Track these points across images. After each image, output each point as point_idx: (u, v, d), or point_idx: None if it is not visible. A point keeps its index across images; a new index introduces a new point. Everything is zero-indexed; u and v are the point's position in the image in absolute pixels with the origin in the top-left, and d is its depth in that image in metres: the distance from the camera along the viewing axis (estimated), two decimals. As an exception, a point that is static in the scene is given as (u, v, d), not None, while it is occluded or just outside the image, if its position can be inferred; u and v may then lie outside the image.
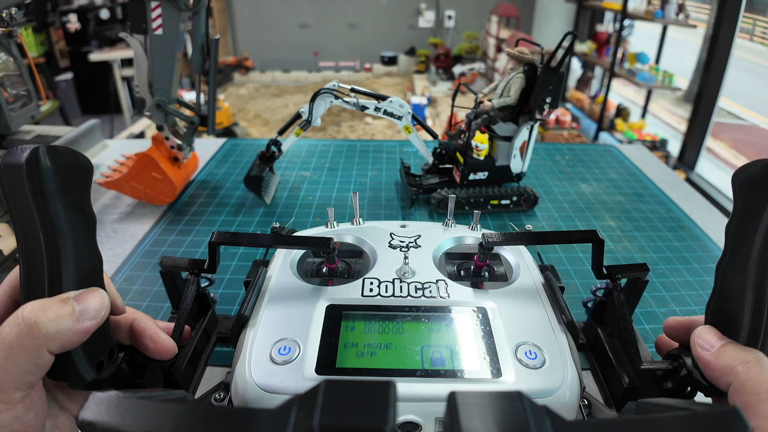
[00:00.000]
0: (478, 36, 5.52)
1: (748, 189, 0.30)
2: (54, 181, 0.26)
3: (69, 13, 3.63)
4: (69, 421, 0.30)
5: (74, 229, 0.27)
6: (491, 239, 0.41)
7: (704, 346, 0.31)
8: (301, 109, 0.82)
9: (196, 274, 0.42)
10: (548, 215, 0.87)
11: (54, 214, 0.26)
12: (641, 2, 3.34)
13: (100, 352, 0.29)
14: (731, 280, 0.31)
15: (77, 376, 0.28)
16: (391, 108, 0.82)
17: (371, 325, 0.36)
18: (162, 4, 0.72)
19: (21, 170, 0.25)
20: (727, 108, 4.19)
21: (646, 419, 0.19)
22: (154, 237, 0.78)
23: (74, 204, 0.27)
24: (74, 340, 0.26)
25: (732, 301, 0.31)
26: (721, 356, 0.29)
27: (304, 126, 0.83)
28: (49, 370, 0.26)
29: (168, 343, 0.33)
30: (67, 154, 0.27)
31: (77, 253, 0.28)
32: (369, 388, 0.18)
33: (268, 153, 0.87)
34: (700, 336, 0.31)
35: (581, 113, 3.99)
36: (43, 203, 0.25)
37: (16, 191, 0.25)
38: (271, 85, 5.57)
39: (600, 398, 0.45)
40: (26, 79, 0.92)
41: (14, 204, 0.26)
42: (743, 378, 0.28)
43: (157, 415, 0.19)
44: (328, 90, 0.80)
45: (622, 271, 0.42)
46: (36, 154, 0.25)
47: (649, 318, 0.62)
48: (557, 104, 0.78)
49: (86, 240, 0.29)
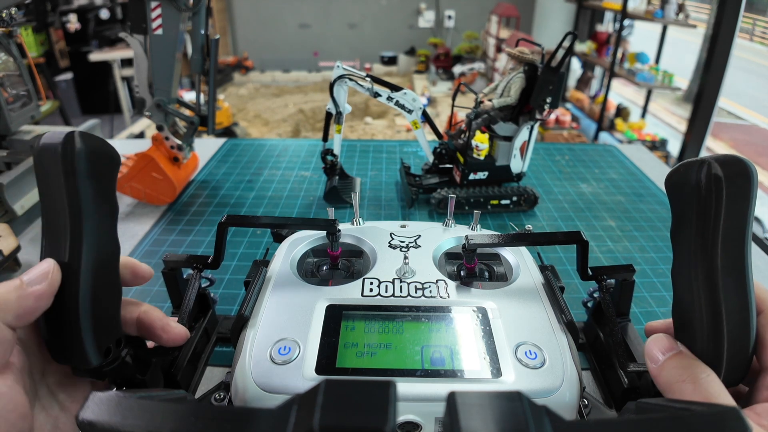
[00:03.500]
0: (478, 36, 5.52)
1: (675, 194, 0.30)
2: (85, 164, 0.27)
3: (69, 13, 3.63)
4: (70, 421, 0.30)
5: (98, 212, 0.28)
6: (473, 241, 0.41)
7: (651, 358, 0.31)
8: (327, 107, 0.82)
9: (200, 269, 0.42)
10: (548, 215, 0.87)
11: (82, 194, 0.27)
12: (641, 2, 3.34)
13: (109, 338, 0.30)
14: (682, 284, 0.31)
15: (83, 358, 0.28)
16: (404, 100, 0.82)
17: (371, 325, 0.36)
18: (162, 4, 0.72)
19: (57, 150, 0.26)
20: (727, 108, 4.19)
21: (645, 419, 0.19)
22: (154, 237, 0.78)
23: (101, 189, 0.28)
24: (27, 306, 0.26)
25: (686, 305, 0.31)
26: (663, 371, 0.30)
27: (339, 119, 0.83)
28: (55, 352, 0.27)
29: (180, 331, 0.34)
30: (99, 141, 0.28)
31: (99, 237, 0.28)
32: (369, 388, 0.18)
33: (327, 165, 0.88)
34: (648, 347, 0.32)
35: (581, 113, 3.99)
36: (73, 183, 0.27)
37: (49, 170, 0.27)
38: (271, 85, 5.57)
39: (600, 398, 0.45)
40: (26, 79, 0.92)
41: (45, 183, 0.27)
42: (678, 397, 0.28)
43: (158, 415, 0.19)
44: (339, 77, 0.80)
45: (608, 273, 0.42)
46: (71, 137, 0.26)
47: (649, 318, 0.62)
48: (557, 104, 0.78)
49: (108, 226, 0.30)
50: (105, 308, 0.29)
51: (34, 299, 0.26)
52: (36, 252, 0.74)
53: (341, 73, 0.79)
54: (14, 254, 0.68)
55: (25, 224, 0.81)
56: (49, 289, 0.27)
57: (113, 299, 0.31)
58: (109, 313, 0.30)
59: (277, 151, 1.12)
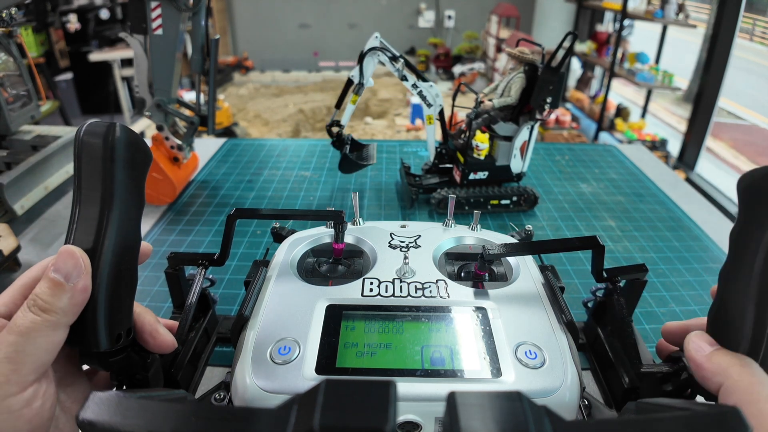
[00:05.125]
0: (478, 36, 5.52)
1: (750, 196, 0.29)
2: (124, 152, 0.29)
3: (69, 13, 3.62)
4: (70, 423, 0.30)
5: (128, 201, 0.29)
6: (492, 251, 0.41)
7: (697, 348, 0.31)
8: (351, 74, 0.81)
9: (206, 266, 0.42)
10: (548, 215, 0.87)
11: (117, 180, 0.28)
12: (641, 2, 3.34)
13: (120, 326, 0.30)
14: (733, 288, 0.30)
15: (94, 341, 0.28)
16: (427, 92, 0.83)
17: (371, 325, 0.36)
18: (162, 4, 0.72)
19: (99, 137, 0.28)
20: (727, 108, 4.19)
21: (646, 419, 0.19)
22: (154, 237, 0.78)
23: (134, 179, 0.30)
24: (78, 302, 0.27)
25: (733, 309, 0.30)
26: (714, 358, 0.30)
27: (358, 90, 0.82)
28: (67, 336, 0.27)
29: (167, 339, 0.34)
30: (137, 136, 0.30)
31: (125, 224, 0.29)
32: (369, 388, 0.18)
33: (334, 137, 0.86)
34: (693, 339, 0.32)
35: (581, 113, 3.99)
36: (110, 168, 0.28)
37: (89, 155, 0.28)
38: (271, 85, 5.56)
39: (600, 398, 0.45)
40: (26, 79, 0.92)
41: (84, 167, 0.28)
42: (736, 378, 0.28)
43: (158, 415, 0.19)
44: (375, 48, 0.79)
45: (622, 274, 0.42)
46: (114, 127, 0.29)
47: (649, 318, 0.62)
48: (558, 104, 0.78)
49: (135, 216, 0.30)
50: (121, 295, 0.30)
51: (81, 295, 0.27)
52: (36, 252, 0.74)
53: (377, 45, 0.78)
54: (14, 254, 0.68)
55: (25, 224, 0.81)
56: (89, 277, 0.27)
57: (129, 288, 0.31)
58: (123, 300, 0.30)
59: (277, 151, 1.12)
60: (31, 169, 0.86)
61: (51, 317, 0.26)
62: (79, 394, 0.31)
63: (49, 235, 0.78)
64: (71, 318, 0.27)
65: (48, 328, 0.26)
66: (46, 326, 0.26)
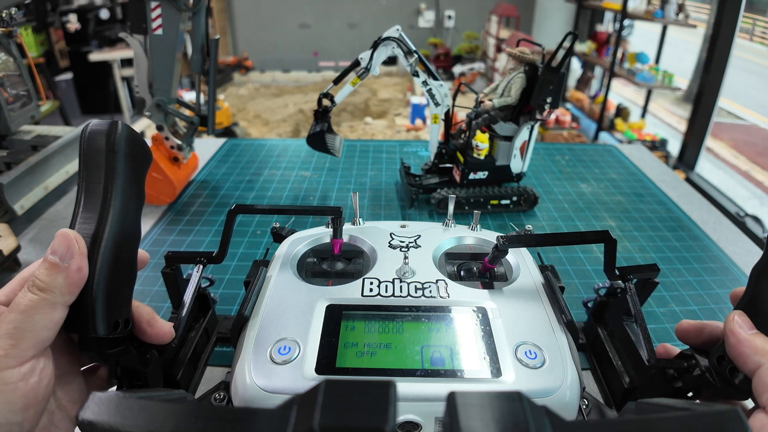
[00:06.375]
0: (478, 36, 5.52)
1: None
2: (125, 145, 0.31)
3: (69, 13, 3.62)
4: (65, 420, 0.30)
5: (129, 193, 0.31)
6: (507, 240, 0.41)
7: (741, 324, 0.31)
8: (361, 56, 0.80)
9: (204, 263, 0.42)
10: (548, 215, 0.87)
11: (118, 170, 0.30)
12: (641, 2, 3.34)
13: (118, 314, 0.30)
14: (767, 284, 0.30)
15: (92, 326, 0.29)
16: (437, 91, 0.82)
17: (371, 325, 0.36)
18: (162, 4, 0.72)
19: (103, 131, 0.30)
20: (727, 108, 4.19)
21: (645, 419, 0.19)
22: (154, 237, 0.78)
23: (135, 173, 0.32)
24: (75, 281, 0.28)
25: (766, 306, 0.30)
26: (757, 337, 0.30)
27: (362, 74, 0.81)
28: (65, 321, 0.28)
29: (165, 328, 0.34)
30: (137, 134, 0.32)
31: (125, 214, 0.31)
32: (369, 388, 0.18)
33: (320, 108, 0.85)
34: (737, 318, 0.32)
35: (581, 113, 3.98)
36: (112, 160, 0.30)
37: (93, 148, 0.30)
38: (271, 85, 5.56)
39: (600, 398, 0.45)
40: (26, 79, 0.92)
41: (88, 159, 0.30)
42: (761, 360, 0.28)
43: (158, 415, 0.19)
44: (392, 38, 0.78)
45: (634, 272, 0.42)
46: (116, 123, 0.31)
47: (649, 318, 0.62)
48: (558, 104, 0.78)
49: (134, 208, 0.32)
50: (119, 284, 0.30)
51: (76, 274, 0.28)
52: (36, 252, 0.74)
53: (395, 36, 0.78)
54: (14, 254, 0.68)
55: (25, 224, 0.81)
56: (84, 259, 0.28)
57: (128, 278, 0.32)
58: (122, 288, 0.31)
59: (277, 151, 1.12)
60: (31, 169, 0.86)
61: (48, 296, 0.27)
62: (76, 394, 0.31)
63: (49, 235, 0.78)
64: (68, 297, 0.28)
65: (46, 306, 0.27)
66: (44, 304, 0.27)
